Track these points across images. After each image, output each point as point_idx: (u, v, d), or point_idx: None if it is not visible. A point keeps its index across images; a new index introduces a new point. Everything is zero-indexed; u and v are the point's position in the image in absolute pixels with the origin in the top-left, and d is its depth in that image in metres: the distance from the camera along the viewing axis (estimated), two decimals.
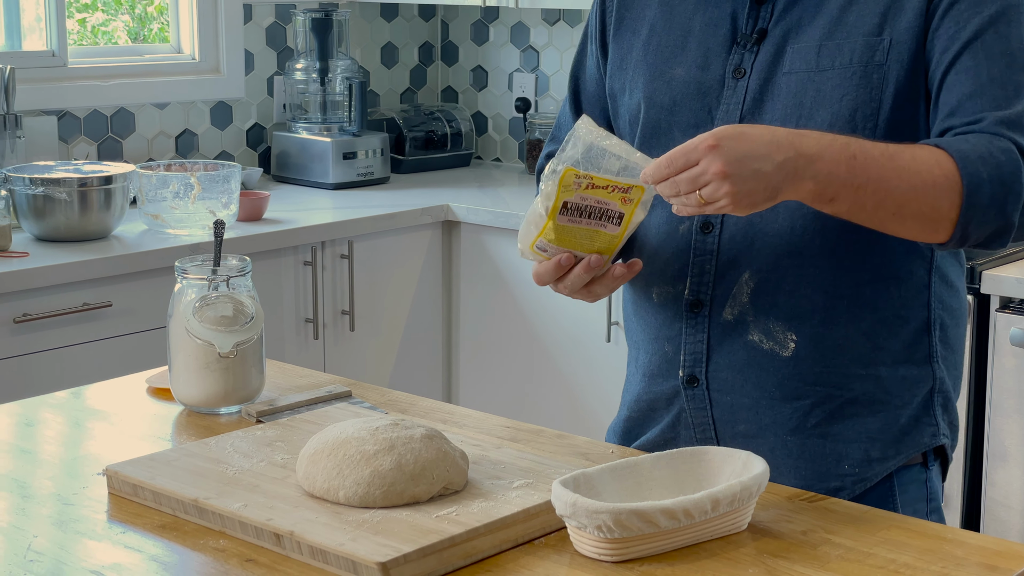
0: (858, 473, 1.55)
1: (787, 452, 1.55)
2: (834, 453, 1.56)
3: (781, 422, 1.56)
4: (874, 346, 1.55)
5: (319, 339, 3.21)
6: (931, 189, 1.40)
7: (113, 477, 1.45)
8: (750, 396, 1.57)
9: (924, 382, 1.57)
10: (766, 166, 1.35)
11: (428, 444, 1.39)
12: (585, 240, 1.48)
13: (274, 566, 1.27)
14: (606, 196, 1.44)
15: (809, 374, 1.55)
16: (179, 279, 1.70)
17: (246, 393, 1.72)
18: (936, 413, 1.58)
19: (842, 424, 1.56)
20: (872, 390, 1.55)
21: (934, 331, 1.57)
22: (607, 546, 1.28)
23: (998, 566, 1.27)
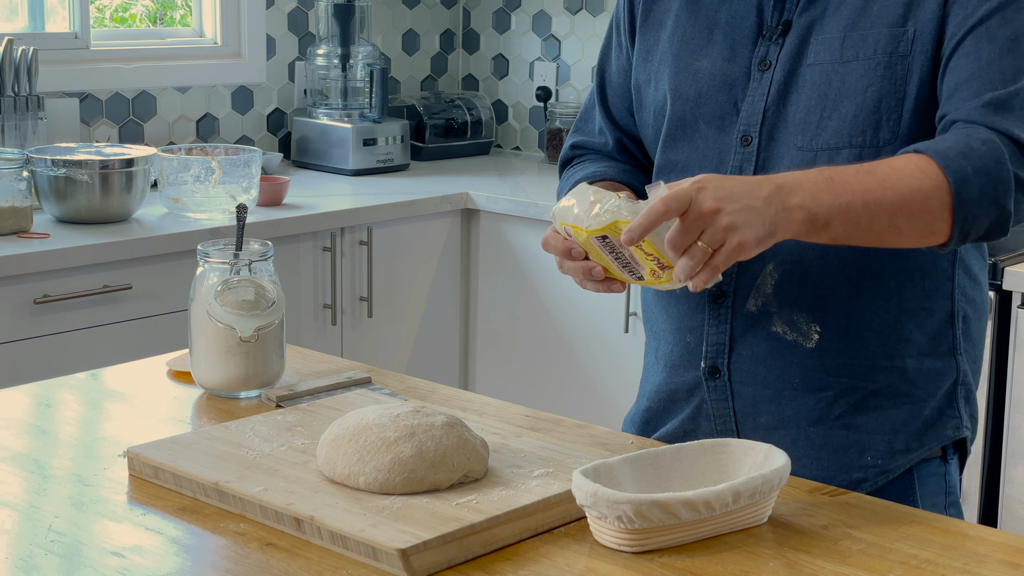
0: (881, 465, 1.55)
1: (809, 443, 1.55)
2: (857, 445, 1.55)
3: (804, 414, 1.56)
4: (899, 338, 1.54)
5: (337, 325, 3.22)
6: (918, 193, 1.39)
7: (134, 459, 1.45)
8: (772, 387, 1.56)
9: (948, 374, 1.57)
10: (755, 202, 1.34)
11: (449, 432, 1.39)
12: (602, 261, 1.46)
13: (294, 551, 1.27)
14: (642, 258, 1.42)
15: (833, 365, 1.54)
16: (201, 263, 1.70)
17: (266, 378, 1.72)
18: (959, 405, 1.58)
19: (866, 416, 1.55)
20: (896, 382, 1.55)
21: (957, 323, 1.57)
22: (627, 536, 1.28)
23: (1021, 563, 1.26)
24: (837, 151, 1.51)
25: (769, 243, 1.36)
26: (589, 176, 1.68)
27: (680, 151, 1.62)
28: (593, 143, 1.76)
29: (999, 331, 2.66)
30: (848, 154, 1.50)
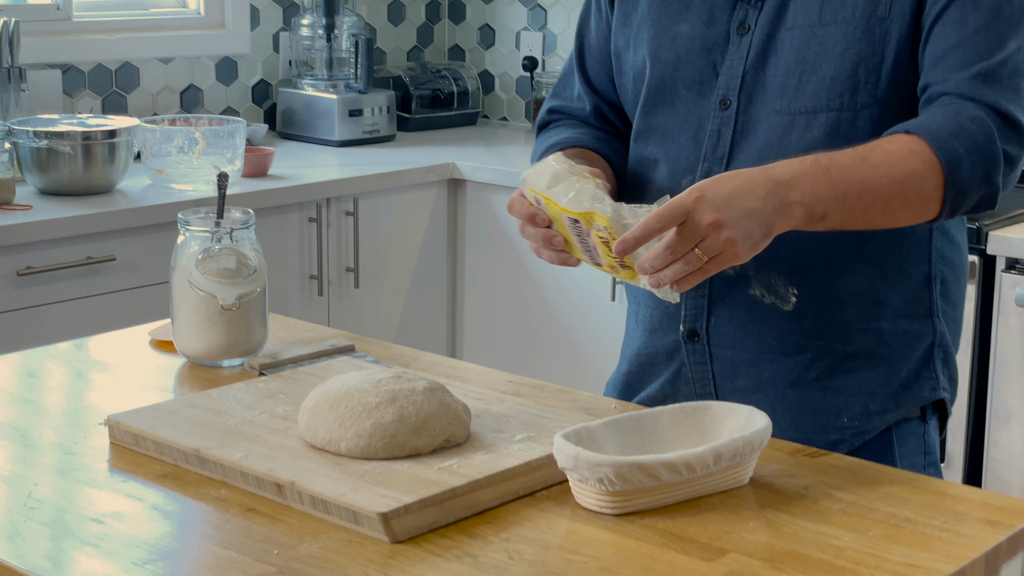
0: (857, 426, 1.55)
1: (787, 406, 1.55)
2: (834, 406, 1.56)
3: (781, 376, 1.56)
4: (875, 301, 1.54)
5: (324, 296, 3.21)
6: (912, 177, 1.40)
7: (115, 427, 1.45)
8: (751, 351, 1.56)
9: (925, 336, 1.57)
10: (753, 203, 1.34)
11: (430, 397, 1.39)
12: (566, 235, 1.46)
13: (275, 516, 1.27)
14: (605, 253, 1.42)
15: (810, 328, 1.54)
16: (182, 231, 1.70)
17: (249, 346, 1.72)
18: (936, 367, 1.58)
19: (842, 378, 1.55)
20: (873, 344, 1.55)
21: (935, 285, 1.57)
22: (608, 499, 1.28)
23: (1000, 521, 1.27)
24: (815, 114, 1.51)
25: (765, 243, 1.36)
26: (563, 142, 1.67)
27: (660, 116, 1.61)
28: (570, 108, 1.75)
29: (983, 295, 2.67)
30: (826, 117, 1.50)
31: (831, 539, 1.23)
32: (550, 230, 1.45)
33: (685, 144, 1.58)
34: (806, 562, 1.18)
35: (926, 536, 1.24)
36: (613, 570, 1.17)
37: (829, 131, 1.50)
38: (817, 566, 1.17)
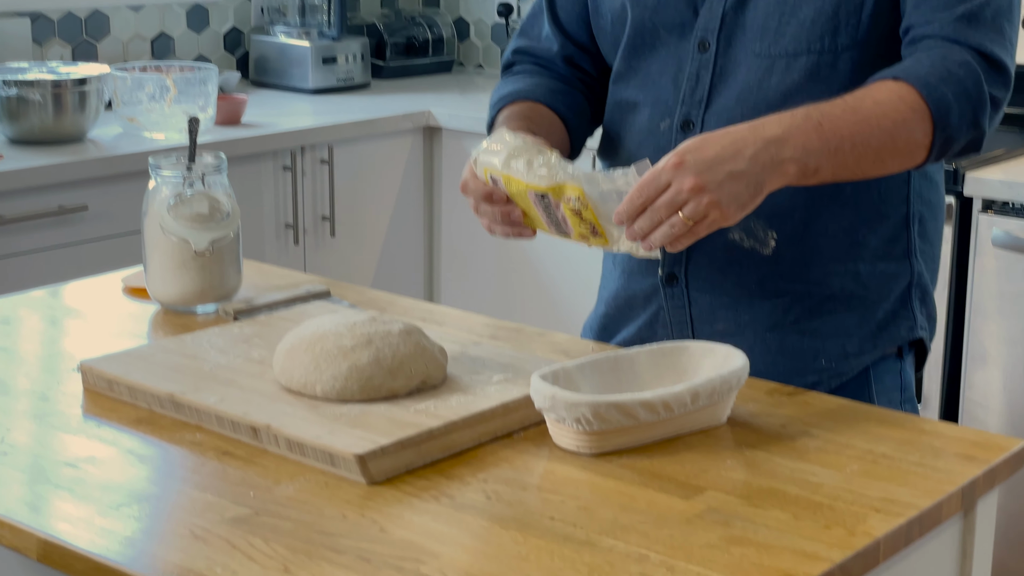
0: (834, 368, 1.55)
1: (765, 348, 1.55)
2: (811, 349, 1.55)
3: (760, 319, 1.56)
4: (853, 242, 1.54)
5: (299, 245, 3.19)
6: (903, 126, 1.39)
7: (88, 372, 1.44)
8: (730, 294, 1.56)
9: (902, 277, 1.57)
10: (739, 165, 1.33)
11: (406, 339, 1.38)
12: (527, 210, 1.44)
13: (251, 459, 1.27)
14: (575, 223, 1.41)
15: (789, 272, 1.54)
16: (153, 176, 1.68)
17: (223, 291, 1.70)
18: (914, 307, 1.58)
19: (820, 320, 1.55)
20: (850, 286, 1.55)
21: (913, 226, 1.57)
22: (586, 439, 1.28)
23: (976, 456, 1.27)
24: (795, 57, 1.49)
25: (755, 203, 1.35)
26: (515, 94, 1.65)
27: (640, 59, 1.60)
28: (537, 49, 1.73)
29: (960, 237, 2.67)
30: (806, 60, 1.49)
31: (808, 476, 1.23)
32: (507, 206, 1.44)
33: (665, 87, 1.57)
34: (783, 499, 1.18)
35: (903, 471, 1.24)
36: (591, 509, 1.17)
37: (809, 74, 1.49)
38: (794, 502, 1.17)
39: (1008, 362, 2.61)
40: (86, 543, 1.11)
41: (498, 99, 1.67)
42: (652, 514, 1.15)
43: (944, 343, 2.71)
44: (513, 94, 1.65)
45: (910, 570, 1.21)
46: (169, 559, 1.08)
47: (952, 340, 2.72)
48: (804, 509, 1.16)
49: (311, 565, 1.06)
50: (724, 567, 1.06)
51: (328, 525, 1.13)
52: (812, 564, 1.06)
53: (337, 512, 1.16)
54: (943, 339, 2.70)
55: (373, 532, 1.12)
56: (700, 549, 1.09)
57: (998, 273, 2.60)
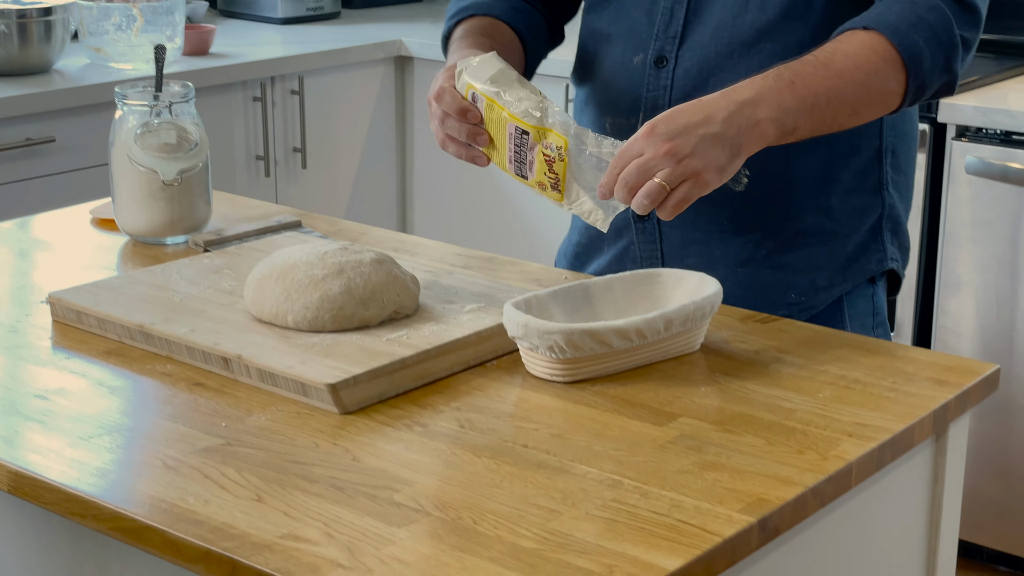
0: (804, 301, 1.55)
1: (736, 283, 1.54)
2: (782, 283, 1.55)
3: (732, 255, 1.55)
4: (826, 178, 1.53)
5: (271, 177, 3.17)
6: (876, 77, 1.38)
7: (57, 304, 1.42)
8: (702, 230, 1.55)
9: (873, 210, 1.56)
10: (712, 128, 1.31)
11: (378, 268, 1.37)
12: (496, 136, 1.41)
13: (222, 390, 1.26)
14: (542, 169, 1.38)
15: (761, 207, 1.53)
16: (120, 105, 1.65)
17: (193, 223, 1.69)
18: (884, 239, 1.58)
19: (791, 255, 1.55)
20: (822, 220, 1.54)
21: (885, 158, 1.56)
22: (559, 367, 1.27)
23: (948, 381, 1.28)
24: None
25: (734, 166, 1.33)
26: (472, 8, 1.61)
27: None
28: None
29: (933, 164, 2.67)
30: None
31: (781, 402, 1.23)
32: (477, 127, 1.42)
33: (639, 20, 1.55)
34: (756, 424, 1.18)
35: (875, 396, 1.24)
36: (564, 436, 1.16)
37: (784, 11, 1.47)
38: (768, 428, 1.18)
39: (981, 289, 2.62)
40: (57, 474, 1.10)
41: (457, 11, 1.64)
42: (625, 441, 1.15)
43: (917, 271, 2.72)
44: (472, 7, 1.62)
45: (882, 494, 1.21)
46: (141, 490, 1.07)
47: (925, 267, 2.72)
48: (777, 434, 1.16)
49: (284, 494, 1.06)
50: (698, 492, 1.06)
51: (301, 455, 1.13)
52: (785, 489, 1.07)
53: (309, 442, 1.15)
54: (916, 267, 2.71)
55: (346, 461, 1.12)
56: (673, 475, 1.09)
57: (971, 200, 2.60)
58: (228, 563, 0.97)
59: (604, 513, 1.03)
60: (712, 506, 1.04)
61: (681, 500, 1.05)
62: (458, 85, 1.43)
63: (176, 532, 1.00)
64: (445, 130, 1.44)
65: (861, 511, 1.19)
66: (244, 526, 1.01)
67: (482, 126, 1.42)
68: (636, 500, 1.05)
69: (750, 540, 1.02)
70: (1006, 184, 2.56)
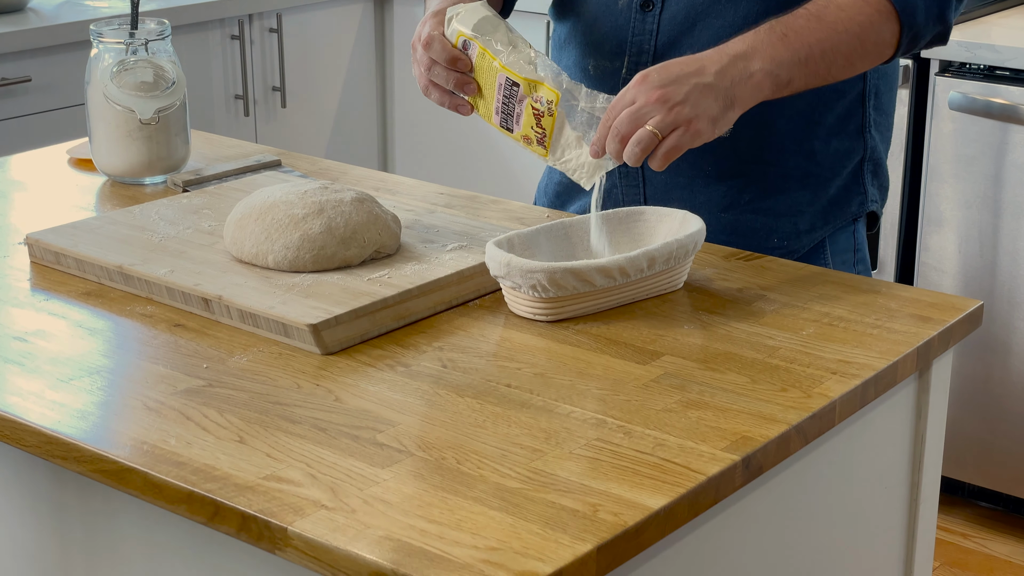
0: (786, 245, 1.54)
1: (720, 228, 1.54)
2: (765, 227, 1.54)
3: (715, 200, 1.54)
4: (809, 122, 1.52)
5: (250, 116, 3.14)
6: (870, 29, 1.37)
7: (34, 245, 1.41)
8: (685, 175, 1.54)
9: (855, 153, 1.56)
10: (705, 79, 1.29)
11: (359, 207, 1.36)
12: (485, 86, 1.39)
13: (203, 331, 1.25)
14: (529, 122, 1.36)
15: (746, 153, 1.52)
16: (95, 43, 1.63)
17: (171, 162, 1.67)
18: (865, 181, 1.57)
19: (774, 199, 1.54)
20: (804, 164, 1.53)
21: (868, 100, 1.55)
22: (542, 305, 1.27)
23: (931, 317, 1.27)
24: None
25: (729, 119, 1.31)
26: None
27: None
28: None
29: (917, 100, 2.66)
30: None
31: (765, 339, 1.23)
32: (465, 76, 1.40)
33: None
34: (740, 362, 1.18)
35: (859, 333, 1.24)
36: (547, 375, 1.16)
37: None
38: (751, 365, 1.17)
39: (963, 225, 2.62)
40: (38, 417, 1.09)
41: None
42: (609, 380, 1.15)
43: (900, 207, 2.71)
44: None
45: (866, 431, 1.21)
46: (123, 431, 1.07)
47: (908, 204, 2.72)
48: (761, 372, 1.16)
49: (266, 435, 1.05)
50: (682, 431, 1.06)
51: (283, 396, 1.12)
52: (769, 426, 1.07)
53: (291, 382, 1.15)
54: (899, 203, 2.71)
55: (328, 402, 1.11)
56: (657, 413, 1.09)
57: (954, 136, 2.60)
58: (211, 504, 0.97)
59: (588, 452, 1.03)
60: (696, 444, 1.04)
61: (665, 439, 1.05)
62: (448, 32, 1.40)
63: (158, 474, 1.00)
64: (430, 76, 1.42)
65: (844, 448, 1.19)
66: (226, 467, 1.00)
67: (470, 75, 1.40)
68: (620, 439, 1.05)
69: (734, 478, 1.02)
70: (989, 120, 2.55)
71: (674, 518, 0.97)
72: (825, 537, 1.21)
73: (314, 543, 0.92)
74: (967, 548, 2.67)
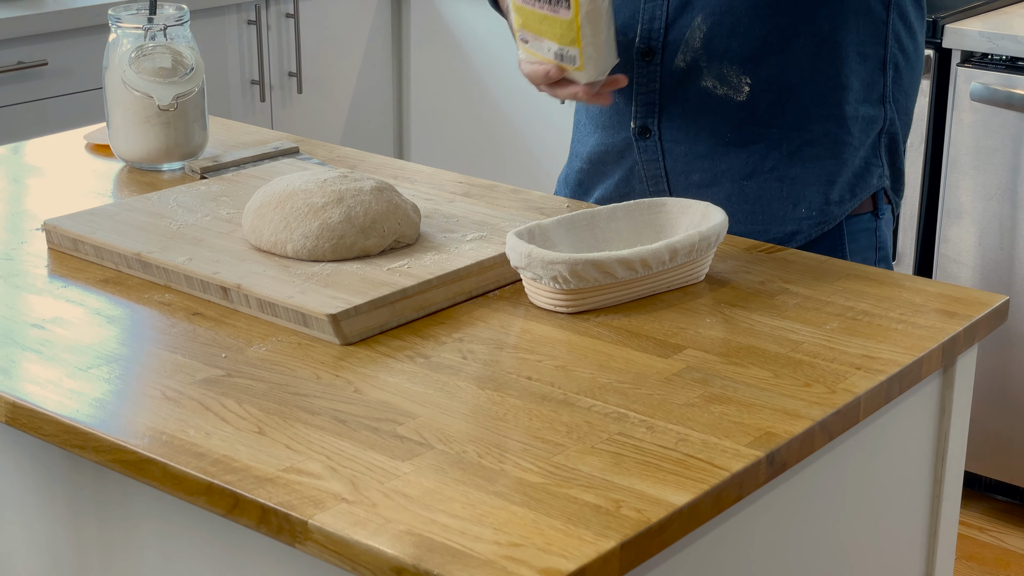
0: (816, 216, 1.53)
1: (743, 198, 1.52)
2: (792, 196, 1.53)
3: (737, 168, 1.52)
4: (834, 84, 1.50)
5: (266, 102, 3.13)
6: None
7: (52, 231, 1.40)
8: (705, 144, 1.52)
9: (877, 122, 1.54)
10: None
11: (378, 196, 1.35)
12: (546, 27, 1.39)
13: (221, 319, 1.24)
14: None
15: (765, 116, 1.50)
16: (113, 28, 1.62)
17: (189, 149, 1.66)
18: (881, 153, 1.55)
19: (800, 167, 1.52)
20: (833, 129, 1.51)
21: (888, 71, 1.53)
22: (563, 297, 1.26)
23: (957, 312, 1.26)
24: None
25: None
26: None
27: None
28: None
29: (938, 90, 2.64)
30: None
31: (788, 333, 1.22)
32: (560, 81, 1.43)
33: None
34: (763, 356, 1.17)
35: (883, 328, 1.23)
36: (568, 368, 1.15)
37: None
38: (774, 360, 1.16)
39: (983, 217, 2.60)
40: (56, 405, 1.08)
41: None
42: (630, 373, 1.14)
43: (920, 199, 2.69)
44: None
45: (890, 427, 1.20)
46: (141, 421, 1.06)
47: (928, 196, 2.70)
48: (784, 367, 1.15)
49: (286, 427, 1.05)
50: (704, 426, 1.05)
51: (302, 386, 1.11)
52: (793, 422, 1.06)
53: (311, 373, 1.14)
54: (919, 195, 2.69)
55: (348, 393, 1.10)
56: (680, 408, 1.08)
57: (975, 127, 2.58)
58: (231, 496, 0.96)
59: (610, 447, 1.02)
60: (719, 440, 1.03)
61: (688, 434, 1.04)
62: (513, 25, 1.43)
63: (178, 465, 0.99)
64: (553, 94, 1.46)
65: (868, 444, 1.18)
66: (246, 459, 1.00)
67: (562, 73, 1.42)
68: (642, 434, 1.04)
69: (758, 475, 1.01)
70: (1010, 111, 2.53)
71: (697, 515, 0.96)
72: (847, 533, 1.20)
73: (335, 537, 0.91)
74: (984, 542, 2.66)
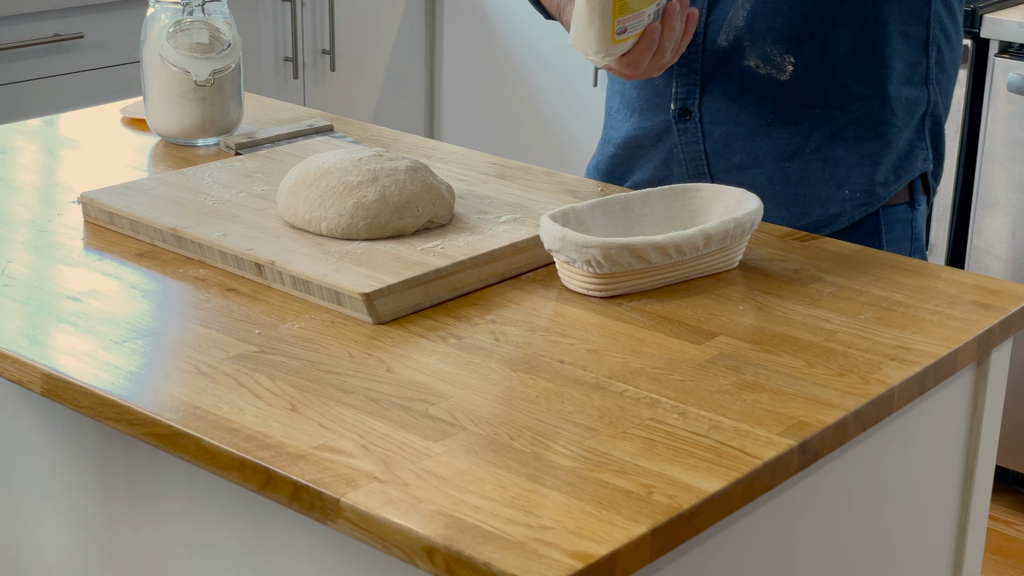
0: (860, 198, 1.51)
1: (785, 179, 1.51)
2: (835, 178, 1.51)
3: (779, 149, 1.51)
4: (878, 64, 1.48)
5: (299, 79, 3.13)
6: None
7: (89, 204, 1.41)
8: (746, 124, 1.51)
9: (921, 104, 1.53)
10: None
11: (413, 176, 1.35)
12: None
13: (255, 296, 1.24)
14: None
15: (808, 96, 1.49)
16: (151, 3, 1.62)
17: (224, 124, 1.66)
18: (926, 136, 1.54)
19: (844, 147, 1.50)
20: (877, 110, 1.50)
21: (931, 52, 1.52)
22: (596, 281, 1.26)
23: (992, 304, 1.25)
24: None
25: None
26: None
27: None
28: None
29: (975, 81, 2.62)
30: None
31: (822, 322, 1.21)
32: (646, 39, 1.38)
33: None
34: (796, 345, 1.17)
35: (918, 319, 1.22)
36: (600, 352, 1.15)
37: None
38: (807, 349, 1.16)
39: (1018, 209, 2.58)
40: (91, 378, 1.09)
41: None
42: (663, 359, 1.14)
43: (954, 189, 2.68)
44: None
45: (922, 419, 1.20)
46: (175, 395, 1.06)
47: (962, 186, 2.68)
48: (817, 356, 1.15)
49: (319, 404, 1.05)
50: (737, 413, 1.05)
51: (335, 364, 1.12)
52: (826, 412, 1.05)
53: (343, 351, 1.14)
54: (953, 185, 2.67)
55: (380, 372, 1.11)
56: (712, 395, 1.07)
57: (1011, 118, 2.56)
58: (263, 472, 0.97)
59: (642, 432, 1.01)
60: (751, 428, 1.02)
61: (720, 421, 1.03)
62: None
63: (211, 440, 1.00)
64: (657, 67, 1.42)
65: (900, 436, 1.18)
66: (279, 436, 1.00)
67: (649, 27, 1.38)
68: (674, 420, 1.03)
69: (790, 464, 1.00)
70: None
71: (729, 502, 0.95)
72: (878, 524, 1.20)
73: (366, 515, 0.91)
74: (1010, 536, 2.65)
